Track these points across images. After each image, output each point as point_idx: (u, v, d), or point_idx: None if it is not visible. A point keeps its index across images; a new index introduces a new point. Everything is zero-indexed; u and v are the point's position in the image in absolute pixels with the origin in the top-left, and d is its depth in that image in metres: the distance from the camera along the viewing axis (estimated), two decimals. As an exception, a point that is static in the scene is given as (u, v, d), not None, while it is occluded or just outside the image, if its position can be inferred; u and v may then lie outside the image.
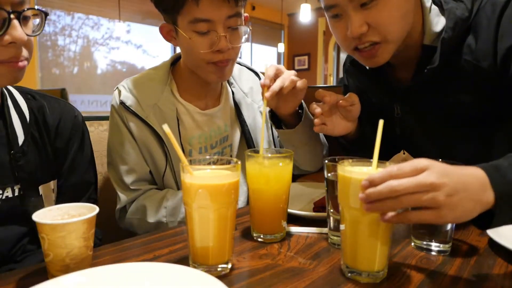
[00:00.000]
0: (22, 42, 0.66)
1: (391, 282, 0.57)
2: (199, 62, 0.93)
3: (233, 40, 0.92)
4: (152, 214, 0.95)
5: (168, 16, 0.93)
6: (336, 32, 0.85)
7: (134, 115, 0.97)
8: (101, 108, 5.95)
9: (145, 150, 0.99)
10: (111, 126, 1.02)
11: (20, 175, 0.77)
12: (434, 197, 0.52)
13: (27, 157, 0.79)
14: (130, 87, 1.00)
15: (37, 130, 0.83)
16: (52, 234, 0.53)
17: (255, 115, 1.11)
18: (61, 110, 0.88)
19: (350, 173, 0.57)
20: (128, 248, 0.70)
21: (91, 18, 5.86)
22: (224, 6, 0.86)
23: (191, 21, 0.88)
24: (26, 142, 0.79)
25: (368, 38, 0.79)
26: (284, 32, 8.79)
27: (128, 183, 0.98)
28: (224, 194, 0.57)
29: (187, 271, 0.50)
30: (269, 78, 0.84)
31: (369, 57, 0.83)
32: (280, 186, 0.73)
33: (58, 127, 0.86)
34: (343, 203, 0.59)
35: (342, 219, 0.60)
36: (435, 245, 0.67)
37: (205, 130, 1.05)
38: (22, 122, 0.80)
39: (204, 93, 1.06)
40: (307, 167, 1.10)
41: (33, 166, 0.80)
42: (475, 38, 0.79)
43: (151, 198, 0.98)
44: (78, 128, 0.91)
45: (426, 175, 0.53)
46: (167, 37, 0.99)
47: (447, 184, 0.53)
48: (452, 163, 0.58)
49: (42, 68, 5.37)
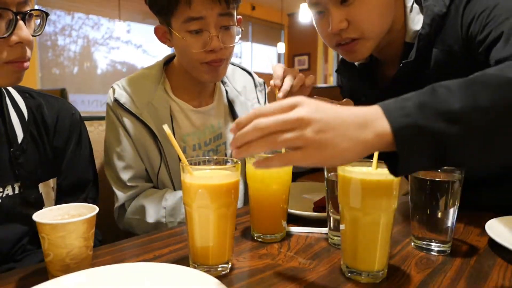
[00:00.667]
0: (28, 42, 0.67)
1: (391, 282, 0.57)
2: (193, 62, 0.95)
3: (225, 40, 0.93)
4: (151, 215, 0.95)
5: (162, 18, 0.96)
6: (320, 28, 0.89)
7: (129, 112, 0.98)
8: (101, 108, 5.95)
9: (140, 147, 1.00)
10: (107, 125, 1.03)
11: (20, 173, 0.77)
12: (301, 134, 0.46)
13: (27, 155, 0.79)
14: (124, 85, 1.01)
15: (35, 129, 0.83)
16: (52, 234, 0.53)
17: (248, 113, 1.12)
18: (59, 108, 0.89)
19: (350, 173, 0.57)
20: (128, 248, 0.70)
21: (91, 18, 5.85)
22: (216, 5, 0.89)
23: (184, 21, 0.90)
24: (25, 140, 0.79)
25: (347, 35, 0.83)
26: (284, 32, 8.79)
27: (124, 180, 0.98)
28: (224, 194, 0.57)
29: (187, 271, 0.50)
30: (279, 78, 0.84)
31: (348, 52, 0.87)
32: (280, 186, 0.73)
33: (56, 125, 0.87)
34: (343, 203, 0.59)
35: (342, 219, 0.60)
36: (435, 245, 0.67)
37: (199, 127, 1.06)
38: (21, 120, 0.80)
39: (197, 92, 1.07)
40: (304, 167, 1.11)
41: (33, 164, 0.80)
42: (447, 28, 0.82)
43: (149, 198, 0.98)
44: (76, 126, 0.92)
45: (295, 111, 0.47)
46: (162, 39, 1.01)
47: (319, 120, 0.46)
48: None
49: (42, 68, 5.37)
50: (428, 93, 0.50)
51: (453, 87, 0.50)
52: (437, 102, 0.48)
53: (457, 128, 0.47)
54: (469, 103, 0.48)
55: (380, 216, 0.55)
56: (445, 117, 0.47)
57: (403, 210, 0.93)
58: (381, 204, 0.56)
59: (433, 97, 0.49)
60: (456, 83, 0.50)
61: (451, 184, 0.64)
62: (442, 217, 0.66)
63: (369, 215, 0.55)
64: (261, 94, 1.19)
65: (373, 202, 0.56)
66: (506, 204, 0.84)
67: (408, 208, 0.71)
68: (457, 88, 0.49)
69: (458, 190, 0.65)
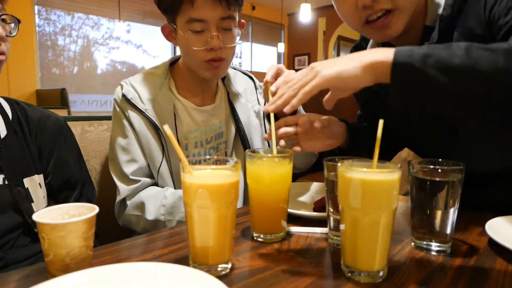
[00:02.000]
0: (0, 37, 0.78)
1: (391, 282, 0.57)
2: (196, 60, 1.00)
3: (225, 40, 0.99)
4: (150, 212, 0.96)
5: (169, 16, 1.01)
6: (344, 7, 0.84)
7: (135, 107, 1.02)
8: (101, 108, 5.95)
9: (144, 142, 1.03)
10: (113, 121, 1.06)
11: (3, 164, 0.81)
12: (313, 68, 0.68)
13: (10, 150, 0.83)
14: (132, 82, 1.06)
15: (19, 127, 0.88)
16: (52, 234, 0.53)
17: (249, 114, 1.17)
18: (42, 113, 0.95)
19: (350, 173, 0.57)
20: (128, 248, 0.70)
21: (91, 18, 5.86)
22: (217, 8, 0.94)
23: (187, 21, 0.96)
24: (9, 136, 0.85)
25: (380, 6, 0.78)
26: (284, 32, 8.79)
27: (128, 173, 1.01)
28: (224, 194, 0.57)
29: (187, 271, 0.50)
30: (270, 75, 0.86)
31: (382, 27, 0.82)
32: (280, 186, 0.73)
33: (39, 125, 0.91)
34: (343, 203, 0.59)
35: (342, 219, 0.60)
36: (435, 245, 0.67)
37: (201, 125, 1.10)
38: (5, 119, 0.86)
39: (200, 91, 1.12)
40: (300, 166, 1.15)
41: (16, 158, 0.84)
42: (469, 10, 0.80)
43: (150, 196, 0.99)
44: (62, 127, 0.96)
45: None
46: (168, 37, 1.06)
47: (326, 62, 0.67)
48: None
49: (42, 68, 5.37)
50: (442, 48, 0.61)
51: (465, 46, 0.60)
52: (442, 55, 0.59)
53: (446, 79, 0.59)
54: (469, 64, 0.58)
55: (380, 216, 0.55)
56: (442, 68, 0.59)
57: (403, 210, 0.93)
58: (381, 204, 0.56)
59: (442, 51, 0.60)
60: (471, 44, 0.61)
61: (451, 184, 0.64)
62: (442, 217, 0.66)
63: (369, 215, 0.55)
64: (261, 96, 1.22)
65: (373, 202, 0.56)
66: (510, 200, 0.83)
67: (408, 208, 0.71)
68: (468, 47, 0.60)
69: (458, 190, 0.65)
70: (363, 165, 0.59)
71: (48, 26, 5.49)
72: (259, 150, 0.80)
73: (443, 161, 0.67)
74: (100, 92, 6.01)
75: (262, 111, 1.19)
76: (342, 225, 0.60)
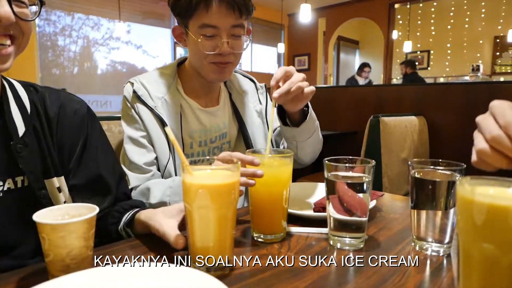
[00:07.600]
0: (7, 21, 0.61)
1: (391, 282, 0.57)
2: (203, 61, 1.04)
3: (234, 46, 1.03)
4: (155, 195, 0.97)
5: (181, 19, 1.05)
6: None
7: (144, 104, 1.05)
8: (101, 108, 5.96)
9: (154, 137, 1.06)
10: (123, 118, 1.08)
11: (24, 167, 0.74)
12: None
13: (29, 148, 0.76)
14: (141, 80, 1.09)
15: (39, 122, 0.79)
16: (52, 234, 0.53)
17: (251, 114, 1.21)
18: (62, 102, 0.85)
19: (493, 198, 0.39)
20: (128, 248, 0.70)
21: (91, 18, 5.86)
22: (230, 15, 0.98)
23: (200, 25, 1.00)
24: (27, 133, 0.76)
25: None
26: (284, 32, 8.79)
27: (139, 164, 1.03)
28: (224, 194, 0.57)
29: (187, 271, 0.50)
30: (276, 80, 0.92)
31: None
32: (281, 186, 0.73)
33: (59, 119, 0.83)
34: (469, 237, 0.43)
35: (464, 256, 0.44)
36: (435, 245, 0.67)
37: (205, 125, 1.13)
38: (23, 114, 0.77)
39: (205, 93, 1.16)
40: (306, 160, 1.18)
41: (36, 158, 0.77)
42: None
43: (157, 181, 1.01)
44: (83, 119, 0.86)
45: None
46: (178, 38, 1.10)
47: None
48: None
49: (42, 68, 5.37)
50: None
51: None
52: None
53: None
54: None
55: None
56: None
57: (403, 210, 0.93)
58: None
59: None
60: None
61: (451, 184, 0.64)
62: (442, 217, 0.66)
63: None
64: (262, 96, 1.27)
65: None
66: None
67: (408, 208, 0.71)
68: None
69: (458, 190, 0.65)
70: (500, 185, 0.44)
71: (48, 26, 5.49)
72: (261, 150, 0.81)
73: (443, 161, 0.67)
74: (100, 93, 6.01)
75: (263, 111, 1.23)
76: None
